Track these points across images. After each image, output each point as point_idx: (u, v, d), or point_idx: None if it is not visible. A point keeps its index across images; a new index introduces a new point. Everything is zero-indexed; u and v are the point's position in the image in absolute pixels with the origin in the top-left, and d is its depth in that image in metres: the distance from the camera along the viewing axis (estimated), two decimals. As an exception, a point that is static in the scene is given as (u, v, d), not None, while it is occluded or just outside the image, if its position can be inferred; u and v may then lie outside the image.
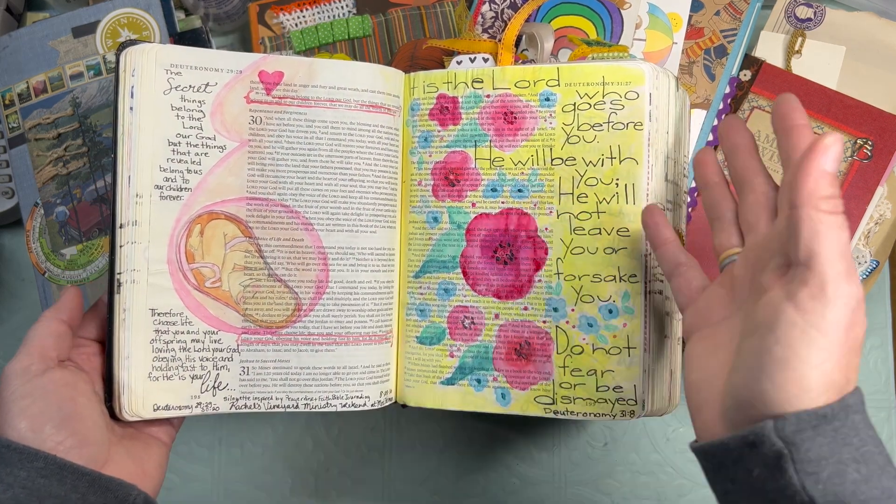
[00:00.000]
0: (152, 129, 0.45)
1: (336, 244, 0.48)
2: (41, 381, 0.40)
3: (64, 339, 0.43)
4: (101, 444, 0.41)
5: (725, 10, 0.61)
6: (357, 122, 0.48)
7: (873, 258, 0.58)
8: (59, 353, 0.42)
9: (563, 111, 0.47)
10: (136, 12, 0.60)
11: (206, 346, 0.46)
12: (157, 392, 0.45)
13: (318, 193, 0.48)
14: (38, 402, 0.39)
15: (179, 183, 0.46)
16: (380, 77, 0.49)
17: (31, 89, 0.59)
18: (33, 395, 0.39)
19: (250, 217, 0.47)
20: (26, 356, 0.41)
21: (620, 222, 0.46)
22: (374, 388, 0.49)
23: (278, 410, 0.47)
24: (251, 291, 0.47)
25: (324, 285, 0.48)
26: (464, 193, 0.49)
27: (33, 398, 0.39)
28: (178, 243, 0.46)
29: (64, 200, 0.59)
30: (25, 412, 0.39)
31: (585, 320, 0.46)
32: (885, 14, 0.60)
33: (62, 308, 0.44)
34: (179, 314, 0.46)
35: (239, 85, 0.47)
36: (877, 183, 0.56)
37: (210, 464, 0.64)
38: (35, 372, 0.40)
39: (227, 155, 0.47)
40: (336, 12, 0.62)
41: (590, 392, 0.46)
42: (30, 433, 0.38)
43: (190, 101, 0.46)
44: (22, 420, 0.39)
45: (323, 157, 0.48)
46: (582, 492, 0.62)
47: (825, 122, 0.57)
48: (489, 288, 0.48)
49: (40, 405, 0.39)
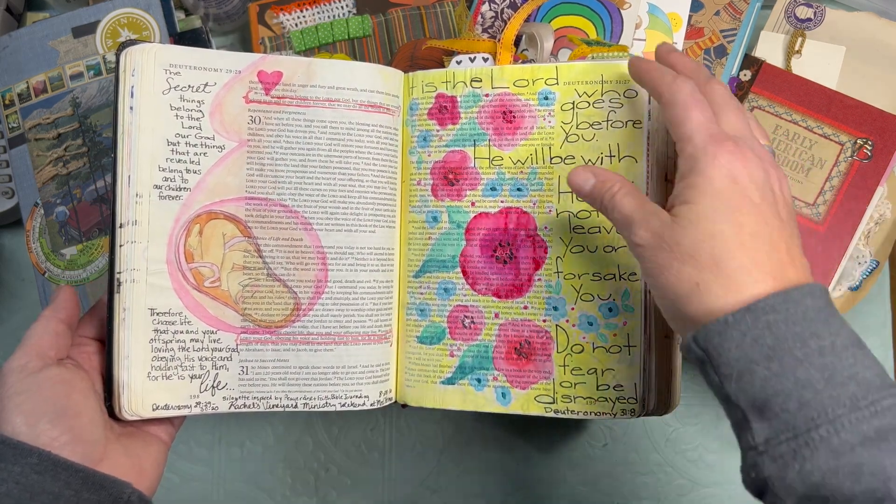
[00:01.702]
0: (151, 129, 0.45)
1: (335, 244, 0.48)
2: (38, 378, 0.40)
3: (62, 338, 0.43)
4: (96, 442, 0.41)
5: (725, 10, 0.61)
6: (356, 121, 0.48)
7: (873, 258, 0.58)
8: (58, 351, 0.42)
9: (562, 110, 0.47)
10: (136, 12, 0.60)
11: (205, 346, 0.46)
12: (156, 391, 0.45)
13: (317, 193, 0.48)
14: (33, 399, 0.39)
15: (178, 183, 0.46)
16: (378, 77, 0.49)
17: (31, 89, 0.59)
18: (29, 392, 0.39)
19: (249, 217, 0.47)
20: (23, 354, 0.41)
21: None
22: (374, 388, 0.49)
23: (277, 410, 0.47)
24: (250, 291, 0.47)
25: (323, 285, 0.48)
26: (463, 193, 0.49)
27: (29, 394, 0.39)
28: (177, 243, 0.46)
29: (64, 200, 0.59)
30: (21, 408, 0.39)
31: (585, 319, 0.46)
32: (885, 14, 0.60)
33: (59, 307, 0.44)
34: (178, 314, 0.46)
35: (238, 85, 0.47)
36: (877, 183, 0.56)
37: (210, 464, 0.63)
38: (32, 369, 0.40)
39: (225, 155, 0.47)
40: (336, 12, 0.62)
41: (590, 391, 0.46)
42: (25, 428, 0.38)
43: (189, 101, 0.46)
44: (17, 416, 0.39)
45: (322, 157, 0.48)
46: (582, 492, 0.61)
47: (825, 121, 0.57)
48: (489, 287, 0.48)
49: (36, 401, 0.39)
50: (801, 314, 0.33)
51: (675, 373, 0.48)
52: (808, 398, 0.32)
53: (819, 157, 0.57)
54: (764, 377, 0.32)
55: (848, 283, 0.58)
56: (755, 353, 0.33)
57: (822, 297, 0.34)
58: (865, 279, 0.58)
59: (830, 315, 0.33)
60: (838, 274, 0.56)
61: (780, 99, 0.58)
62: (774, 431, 0.32)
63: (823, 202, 0.57)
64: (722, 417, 0.62)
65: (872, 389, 0.31)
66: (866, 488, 0.30)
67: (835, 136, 0.57)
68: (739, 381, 0.33)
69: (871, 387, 0.32)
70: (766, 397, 0.32)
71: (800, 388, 0.32)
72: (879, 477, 0.30)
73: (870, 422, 0.31)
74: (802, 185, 0.57)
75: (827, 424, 0.31)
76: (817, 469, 0.31)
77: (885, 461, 0.30)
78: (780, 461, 0.32)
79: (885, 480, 0.29)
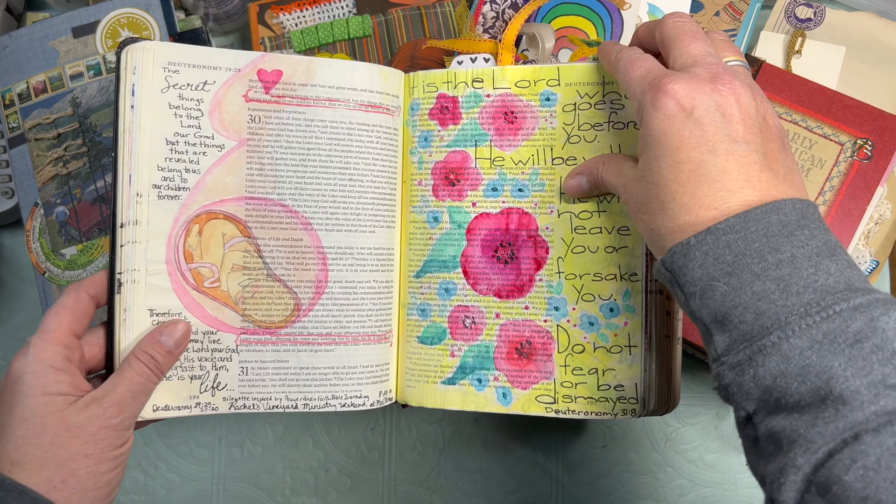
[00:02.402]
0: (150, 128, 0.45)
1: (335, 244, 0.48)
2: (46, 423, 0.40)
3: (86, 314, 0.44)
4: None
5: (725, 11, 0.61)
6: (356, 121, 0.48)
7: (873, 258, 0.58)
8: (80, 329, 0.43)
9: (564, 111, 0.47)
10: (136, 12, 0.60)
11: (205, 347, 0.46)
12: (156, 392, 0.45)
13: (317, 193, 0.48)
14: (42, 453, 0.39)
15: (178, 182, 0.46)
16: (378, 77, 0.49)
17: (31, 89, 0.59)
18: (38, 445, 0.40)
19: (249, 217, 0.47)
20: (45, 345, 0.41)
21: (621, 221, 0.46)
22: (374, 388, 0.49)
23: (277, 411, 0.47)
24: (250, 291, 0.47)
25: (323, 285, 0.48)
26: (464, 193, 0.49)
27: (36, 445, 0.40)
28: (177, 243, 0.46)
29: (64, 200, 0.59)
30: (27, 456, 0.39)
31: (586, 319, 0.46)
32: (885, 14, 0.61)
33: (86, 283, 0.44)
34: (178, 314, 0.46)
35: (237, 83, 0.47)
36: (877, 183, 0.56)
37: (210, 464, 0.63)
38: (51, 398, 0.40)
39: (225, 154, 0.47)
40: (336, 12, 0.62)
41: (591, 391, 0.46)
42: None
43: (188, 99, 0.46)
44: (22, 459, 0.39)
45: (322, 157, 0.48)
46: (582, 492, 0.61)
47: (825, 121, 0.57)
48: (490, 287, 0.48)
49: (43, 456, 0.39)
50: (761, 231, 0.34)
51: (676, 373, 0.48)
52: (764, 308, 0.33)
53: (819, 157, 0.57)
54: (724, 292, 0.34)
55: (848, 283, 0.58)
56: (716, 271, 0.34)
57: (792, 212, 0.34)
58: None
59: (799, 228, 0.34)
60: (838, 274, 0.56)
61: (780, 99, 0.58)
62: (733, 341, 0.34)
63: (823, 202, 0.57)
64: (722, 417, 0.62)
65: (828, 295, 0.32)
66: (811, 388, 0.31)
67: (835, 136, 0.57)
68: (702, 297, 0.35)
69: (829, 292, 0.33)
70: (725, 311, 0.34)
71: (756, 300, 0.33)
72: (823, 377, 0.31)
73: (819, 326, 0.32)
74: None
75: (778, 331, 0.32)
76: (769, 373, 0.32)
77: (830, 362, 0.31)
78: (738, 368, 0.33)
79: (828, 379, 0.31)
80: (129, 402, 0.42)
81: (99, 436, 0.40)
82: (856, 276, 0.34)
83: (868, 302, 0.32)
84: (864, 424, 0.30)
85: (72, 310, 0.43)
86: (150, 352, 0.43)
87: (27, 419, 0.39)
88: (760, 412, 0.33)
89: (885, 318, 0.31)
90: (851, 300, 0.32)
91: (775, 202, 0.34)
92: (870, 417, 0.30)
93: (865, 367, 0.30)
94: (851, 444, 0.29)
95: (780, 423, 0.32)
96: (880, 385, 0.30)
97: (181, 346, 0.44)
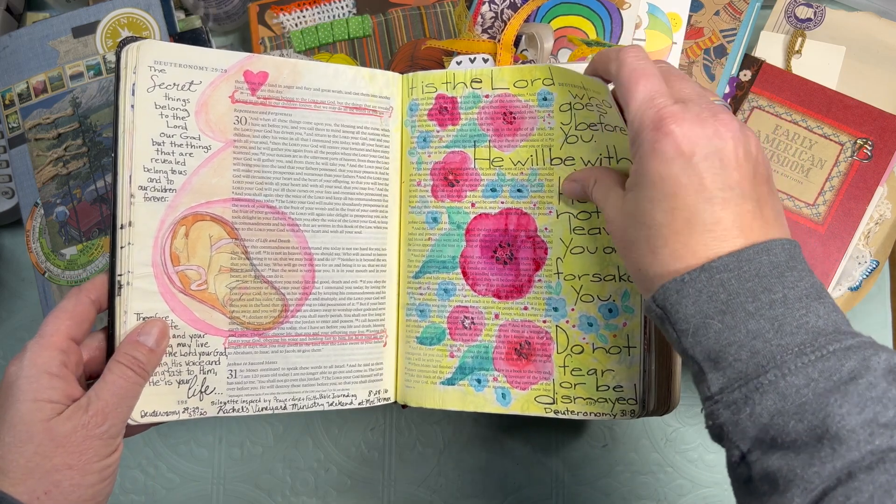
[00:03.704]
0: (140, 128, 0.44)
1: (322, 245, 0.48)
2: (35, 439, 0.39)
3: (86, 318, 0.43)
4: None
5: (725, 10, 0.61)
6: (341, 123, 0.48)
7: (873, 258, 0.58)
8: (80, 335, 0.42)
9: (561, 111, 0.47)
10: (136, 12, 0.60)
11: (193, 350, 0.46)
12: (144, 398, 0.44)
13: (303, 194, 0.48)
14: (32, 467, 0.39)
15: (164, 184, 0.45)
16: (362, 79, 0.49)
17: (31, 89, 0.59)
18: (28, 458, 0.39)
19: (236, 218, 0.47)
20: (42, 349, 0.41)
21: (620, 222, 0.45)
22: (362, 387, 0.49)
23: (266, 413, 0.47)
24: (238, 293, 0.47)
25: (310, 286, 0.48)
26: (463, 193, 0.49)
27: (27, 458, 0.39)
28: (163, 245, 0.45)
29: (64, 200, 0.59)
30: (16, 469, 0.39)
31: (585, 320, 0.46)
32: (885, 14, 0.60)
33: (87, 287, 0.44)
34: (164, 318, 0.45)
35: (224, 84, 0.47)
36: (877, 183, 0.56)
37: (210, 464, 0.64)
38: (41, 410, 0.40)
39: (212, 155, 0.46)
40: (336, 12, 0.62)
41: (590, 392, 0.46)
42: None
43: (174, 99, 0.45)
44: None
45: (308, 159, 0.48)
46: (582, 492, 0.61)
47: (825, 121, 0.57)
48: (489, 288, 0.48)
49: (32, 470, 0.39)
50: (754, 271, 0.34)
51: (675, 373, 0.48)
52: (759, 347, 0.33)
53: (819, 158, 0.57)
54: (718, 330, 0.34)
55: (848, 284, 0.58)
56: (710, 309, 0.34)
57: (781, 253, 0.35)
58: (865, 279, 0.58)
59: (788, 269, 0.34)
60: (838, 274, 0.56)
61: (780, 99, 0.58)
62: (728, 380, 0.34)
63: (823, 202, 0.57)
64: (722, 417, 0.62)
65: (821, 336, 0.33)
66: (808, 426, 0.31)
67: (835, 136, 0.57)
68: (696, 335, 0.35)
69: (821, 334, 0.33)
70: (719, 349, 0.34)
71: (751, 339, 0.33)
72: (819, 415, 0.31)
73: (815, 365, 0.32)
74: (802, 185, 0.57)
75: (774, 369, 0.32)
76: (766, 411, 0.32)
77: (826, 399, 0.31)
78: (734, 407, 0.33)
79: (824, 418, 0.31)
80: (114, 408, 0.41)
81: (84, 446, 0.39)
82: (841, 319, 0.34)
83: (858, 343, 0.33)
84: (858, 463, 0.30)
85: (71, 314, 0.42)
86: (132, 353, 0.42)
87: (14, 426, 0.39)
88: (755, 451, 0.33)
89: (876, 359, 0.32)
90: (843, 341, 0.33)
91: (766, 243, 0.35)
92: (865, 456, 0.30)
93: (860, 404, 0.31)
94: (846, 483, 0.30)
95: (777, 462, 0.32)
96: (874, 424, 0.30)
97: (162, 343, 0.44)
